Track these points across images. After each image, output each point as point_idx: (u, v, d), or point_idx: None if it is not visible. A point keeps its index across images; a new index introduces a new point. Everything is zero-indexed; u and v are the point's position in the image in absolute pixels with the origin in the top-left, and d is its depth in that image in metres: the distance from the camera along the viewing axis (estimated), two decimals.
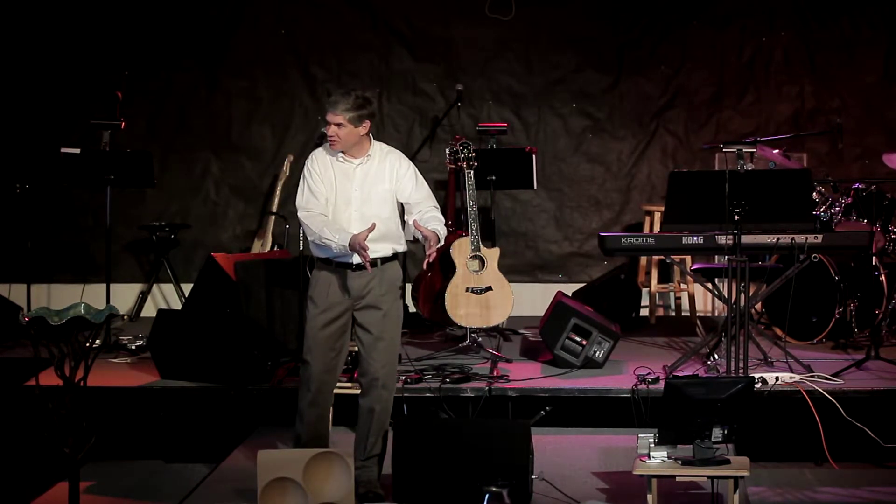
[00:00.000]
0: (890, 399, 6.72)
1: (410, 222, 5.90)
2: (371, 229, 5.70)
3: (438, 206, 6.02)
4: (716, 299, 8.97)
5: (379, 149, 5.97)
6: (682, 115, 9.77)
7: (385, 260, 5.91)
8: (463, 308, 7.85)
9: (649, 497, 5.41)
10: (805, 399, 6.59)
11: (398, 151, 6.01)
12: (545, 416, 6.56)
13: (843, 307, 7.90)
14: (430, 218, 5.90)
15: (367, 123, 5.83)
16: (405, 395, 6.99)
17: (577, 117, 9.81)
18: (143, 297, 9.71)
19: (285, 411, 6.52)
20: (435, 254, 5.77)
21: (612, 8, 9.74)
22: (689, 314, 9.27)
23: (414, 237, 5.93)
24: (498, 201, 9.39)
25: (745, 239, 6.95)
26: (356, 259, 5.81)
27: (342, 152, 5.88)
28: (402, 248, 6.02)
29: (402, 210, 6.02)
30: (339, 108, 5.77)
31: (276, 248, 9.18)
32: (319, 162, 5.94)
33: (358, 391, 6.82)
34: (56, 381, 5.34)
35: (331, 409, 6.22)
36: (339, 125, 5.79)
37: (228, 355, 7.07)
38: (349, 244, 5.69)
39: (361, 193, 5.87)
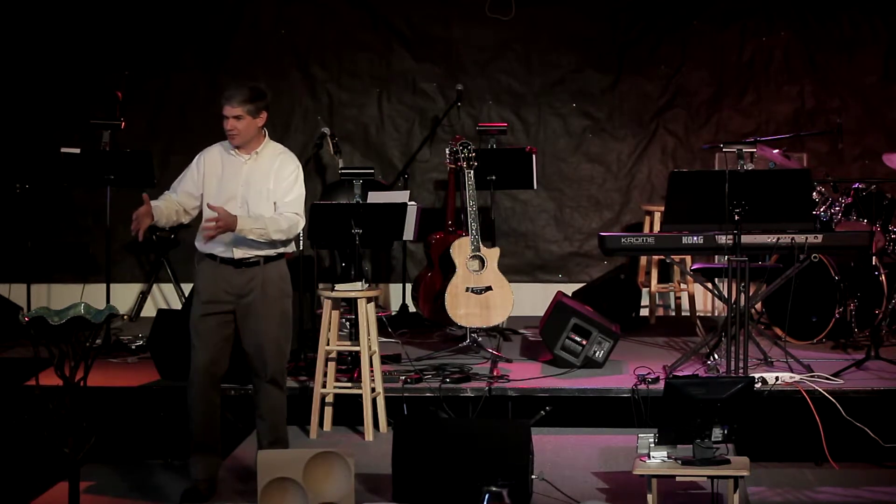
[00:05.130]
0: (890, 399, 6.71)
1: None
2: (147, 202, 5.66)
3: (299, 216, 5.87)
4: (716, 299, 8.96)
5: (272, 148, 5.92)
6: (682, 115, 9.76)
7: (268, 259, 5.86)
8: (463, 308, 7.85)
9: (649, 497, 5.41)
10: (805, 399, 6.59)
11: (291, 154, 5.95)
12: (545, 416, 6.56)
13: (843, 307, 7.90)
14: (272, 216, 5.80)
15: (263, 114, 5.81)
16: (405, 394, 6.99)
17: (577, 117, 9.81)
18: (143, 297, 9.70)
19: None
20: (212, 231, 5.66)
21: (612, 8, 9.74)
22: (689, 314, 9.26)
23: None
24: (498, 201, 9.38)
25: (745, 239, 6.95)
26: (237, 254, 5.80)
27: (236, 147, 5.84)
28: (287, 248, 5.94)
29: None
30: (236, 100, 5.74)
31: None
32: (210, 154, 5.91)
33: (359, 391, 6.85)
34: (56, 381, 5.33)
35: (219, 409, 6.00)
36: (237, 118, 5.75)
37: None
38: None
39: (245, 190, 5.83)
